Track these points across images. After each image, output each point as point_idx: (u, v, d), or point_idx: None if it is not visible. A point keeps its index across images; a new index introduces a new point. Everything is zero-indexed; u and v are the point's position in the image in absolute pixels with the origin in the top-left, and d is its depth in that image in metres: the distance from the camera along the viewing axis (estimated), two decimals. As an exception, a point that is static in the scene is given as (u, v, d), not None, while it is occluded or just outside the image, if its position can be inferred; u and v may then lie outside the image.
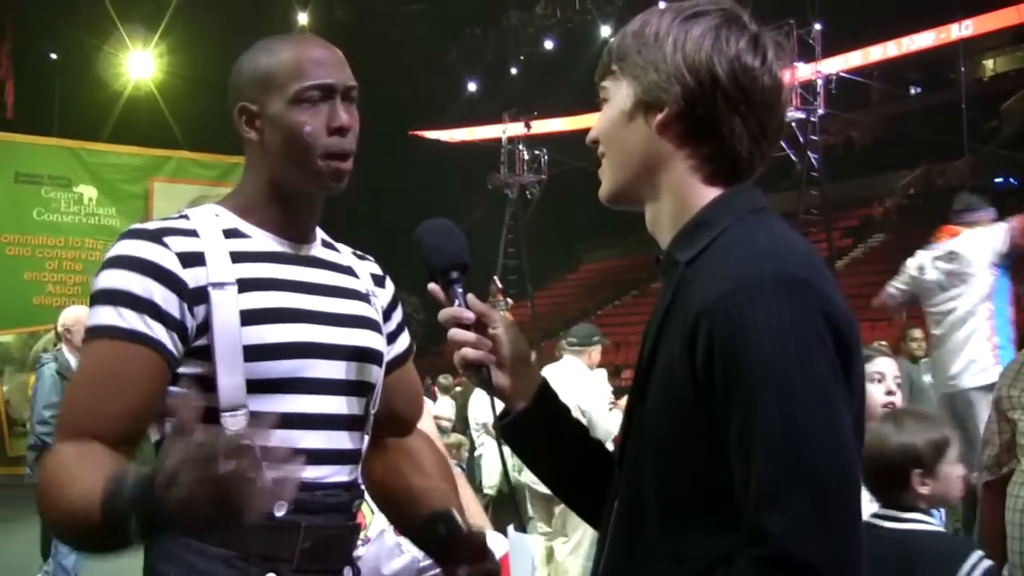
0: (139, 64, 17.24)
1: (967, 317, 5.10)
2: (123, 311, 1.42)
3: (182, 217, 1.54)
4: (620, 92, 1.28)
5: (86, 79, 17.20)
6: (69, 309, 6.09)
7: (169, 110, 17.09)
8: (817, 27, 20.23)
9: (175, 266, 1.45)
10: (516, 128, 24.49)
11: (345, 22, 20.10)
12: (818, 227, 20.40)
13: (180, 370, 1.47)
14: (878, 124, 25.75)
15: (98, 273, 1.47)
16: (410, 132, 25.26)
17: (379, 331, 1.65)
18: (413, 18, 22.43)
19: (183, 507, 1.12)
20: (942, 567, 2.13)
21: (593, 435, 1.46)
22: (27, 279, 11.05)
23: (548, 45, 23.57)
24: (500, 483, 7.41)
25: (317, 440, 1.51)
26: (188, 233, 1.50)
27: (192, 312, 1.45)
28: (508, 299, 15.51)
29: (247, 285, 1.49)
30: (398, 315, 1.75)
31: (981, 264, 5.10)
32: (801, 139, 20.39)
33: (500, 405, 1.41)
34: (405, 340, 1.77)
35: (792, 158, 20.21)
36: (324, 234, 1.69)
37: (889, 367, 2.83)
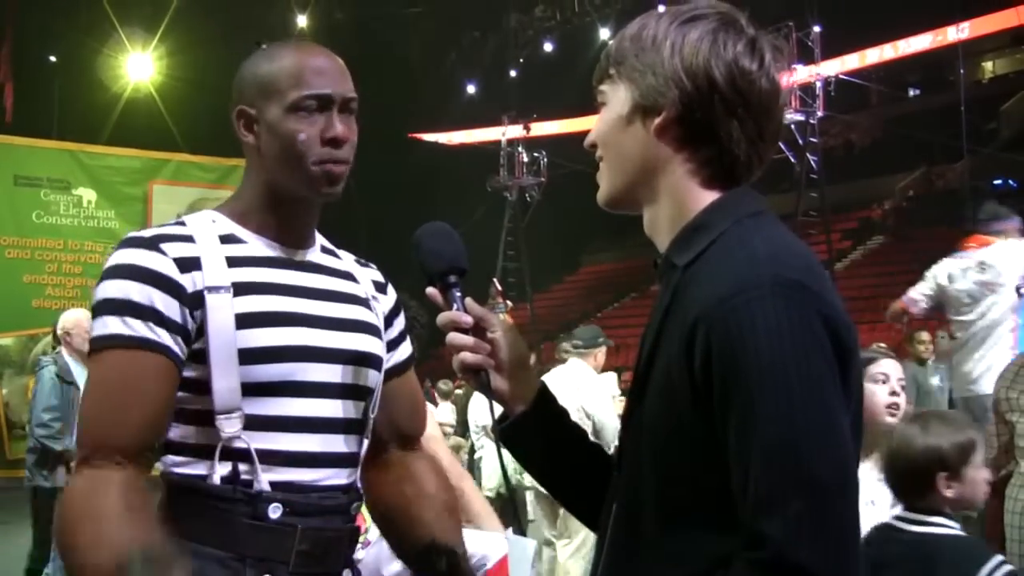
0: (138, 66, 17.19)
1: (994, 327, 5.07)
2: (128, 320, 1.43)
3: (178, 223, 1.55)
4: (618, 96, 1.28)
5: (85, 82, 17.15)
6: (68, 312, 6.10)
7: (168, 113, 17.05)
8: (816, 29, 20.26)
9: (173, 272, 1.46)
10: (515, 131, 24.49)
11: (344, 24, 20.07)
12: (817, 229, 20.41)
13: None
14: (877, 126, 25.75)
15: (98, 284, 1.48)
16: (409, 134, 25.24)
17: (378, 335, 1.65)
18: (412, 20, 22.41)
19: None
20: (962, 570, 2.10)
21: (602, 439, 1.46)
22: (26, 282, 11.05)
23: (547, 48, 23.56)
24: (499, 486, 7.40)
25: (313, 443, 1.52)
26: (184, 239, 1.51)
27: (192, 316, 1.47)
28: (508, 301, 15.53)
29: (242, 289, 1.50)
30: (400, 323, 1.75)
31: (1012, 275, 5.07)
32: (800, 141, 20.43)
33: (499, 408, 1.42)
34: (407, 349, 1.77)
35: (791, 160, 20.23)
36: (325, 241, 1.69)
37: (893, 368, 2.80)
